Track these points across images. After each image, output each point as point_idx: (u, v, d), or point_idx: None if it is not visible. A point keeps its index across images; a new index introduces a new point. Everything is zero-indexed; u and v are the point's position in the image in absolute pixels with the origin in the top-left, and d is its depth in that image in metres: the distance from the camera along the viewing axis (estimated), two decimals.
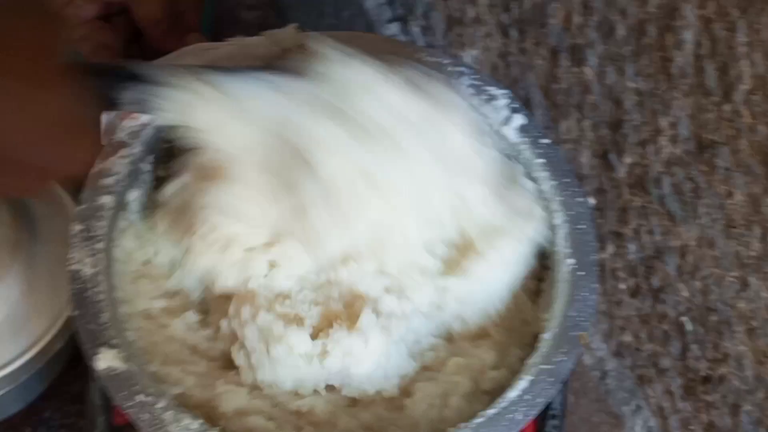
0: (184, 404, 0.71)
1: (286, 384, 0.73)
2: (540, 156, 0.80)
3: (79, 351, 1.23)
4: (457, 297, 0.76)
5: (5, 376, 1.11)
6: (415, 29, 1.16)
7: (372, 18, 1.22)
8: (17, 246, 1.14)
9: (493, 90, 0.82)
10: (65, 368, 1.23)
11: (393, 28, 1.21)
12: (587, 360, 1.02)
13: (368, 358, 0.73)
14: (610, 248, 0.95)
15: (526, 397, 0.70)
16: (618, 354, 0.99)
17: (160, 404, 0.69)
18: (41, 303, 1.14)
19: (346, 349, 0.73)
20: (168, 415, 0.68)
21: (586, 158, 0.94)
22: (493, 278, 0.76)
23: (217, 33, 0.96)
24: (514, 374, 0.72)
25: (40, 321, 1.13)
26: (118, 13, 0.94)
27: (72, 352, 1.22)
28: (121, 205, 0.78)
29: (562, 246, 0.76)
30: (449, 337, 0.77)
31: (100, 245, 0.75)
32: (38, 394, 1.21)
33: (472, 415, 0.70)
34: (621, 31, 0.82)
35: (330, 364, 0.73)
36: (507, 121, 0.81)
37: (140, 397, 0.69)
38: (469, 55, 1.06)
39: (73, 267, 0.74)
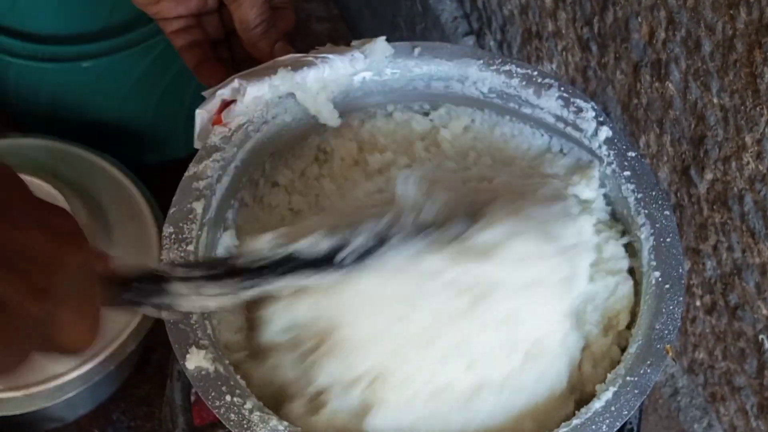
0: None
1: None
2: (626, 168, 0.80)
3: (148, 355, 1.25)
4: None
5: (78, 377, 1.13)
6: (491, 43, 1.17)
7: (447, 31, 1.22)
8: None
9: (581, 102, 0.83)
10: (134, 372, 1.24)
11: (468, 42, 1.21)
12: (658, 377, 1.02)
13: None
14: (687, 264, 0.95)
15: (612, 408, 0.70)
16: (690, 371, 0.99)
17: (248, 405, 0.70)
18: None
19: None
20: (255, 417, 0.69)
21: (664, 174, 0.94)
22: None
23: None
24: None
25: (113, 323, 1.15)
26: (210, 12, 0.95)
27: (142, 355, 1.24)
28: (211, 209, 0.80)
29: (647, 260, 0.76)
30: None
31: (191, 247, 0.76)
32: (107, 396, 1.22)
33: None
34: (707, 46, 0.82)
35: None
36: (595, 133, 0.82)
37: (228, 398, 0.70)
38: (546, 69, 1.06)
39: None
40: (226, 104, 0.81)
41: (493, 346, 0.73)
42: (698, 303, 0.95)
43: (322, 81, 0.83)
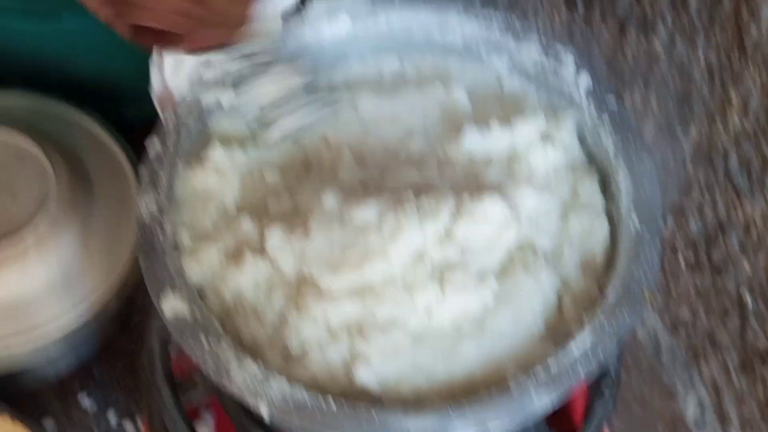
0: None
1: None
2: (605, 115, 0.80)
3: (130, 312, 1.24)
4: None
5: (60, 338, 1.12)
6: (477, 1, 1.16)
7: None
8: (74, 205, 1.15)
9: (561, 50, 0.82)
10: (117, 329, 1.24)
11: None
12: (640, 335, 1.02)
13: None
14: (671, 222, 0.94)
15: (587, 351, 0.70)
16: (673, 329, 0.99)
17: (225, 350, 0.69)
18: (97, 262, 1.15)
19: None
20: (232, 362, 0.69)
21: (649, 131, 0.93)
22: None
23: None
24: None
25: (95, 280, 1.14)
26: None
27: (124, 312, 1.23)
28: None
29: (626, 205, 0.76)
30: None
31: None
32: (90, 353, 1.22)
33: None
34: (694, 3, 0.82)
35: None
36: (575, 80, 0.81)
37: (205, 343, 0.69)
38: None
39: (140, 212, 0.75)
40: None
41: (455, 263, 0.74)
42: (681, 260, 0.95)
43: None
